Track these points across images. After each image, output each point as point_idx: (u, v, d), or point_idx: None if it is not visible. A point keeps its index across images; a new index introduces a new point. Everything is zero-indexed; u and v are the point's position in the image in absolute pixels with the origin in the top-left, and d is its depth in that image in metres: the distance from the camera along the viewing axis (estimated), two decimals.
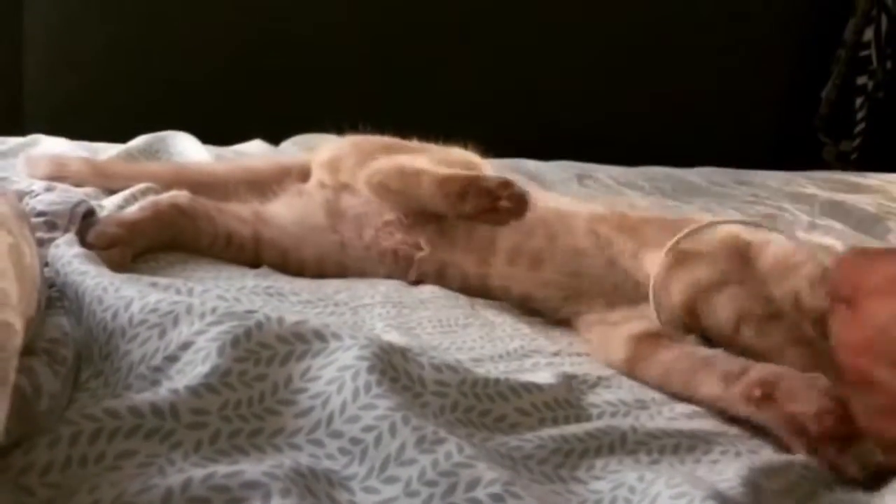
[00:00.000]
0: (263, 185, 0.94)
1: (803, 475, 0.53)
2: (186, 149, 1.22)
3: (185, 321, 0.56)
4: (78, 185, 0.93)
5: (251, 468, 0.44)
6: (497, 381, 0.59)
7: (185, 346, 0.55)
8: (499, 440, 0.54)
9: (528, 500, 0.44)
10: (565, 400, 0.60)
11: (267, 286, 0.74)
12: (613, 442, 0.55)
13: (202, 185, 0.94)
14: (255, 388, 0.53)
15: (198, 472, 0.44)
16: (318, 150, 0.97)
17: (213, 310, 0.57)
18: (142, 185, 0.93)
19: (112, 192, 0.94)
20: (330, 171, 0.92)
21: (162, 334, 0.56)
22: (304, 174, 0.96)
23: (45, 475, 0.44)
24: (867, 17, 2.39)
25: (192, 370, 0.53)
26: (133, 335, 0.56)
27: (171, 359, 0.54)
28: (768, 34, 2.40)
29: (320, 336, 0.57)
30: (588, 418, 0.59)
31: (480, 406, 0.56)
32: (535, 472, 0.52)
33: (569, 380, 0.63)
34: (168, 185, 0.92)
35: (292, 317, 0.58)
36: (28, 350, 0.52)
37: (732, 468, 0.52)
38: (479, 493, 0.45)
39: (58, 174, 0.94)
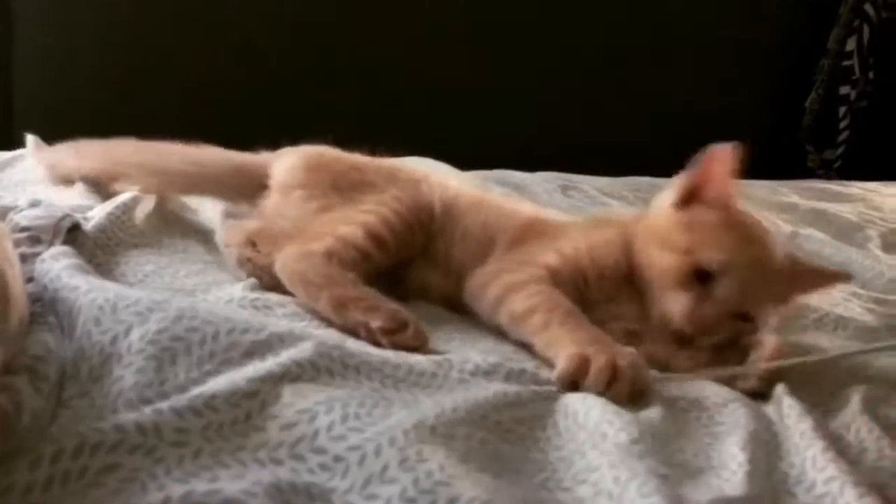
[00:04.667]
0: (216, 177, 0.96)
1: None
2: None
3: (182, 363, 0.57)
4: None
5: (229, 485, 0.45)
6: (496, 393, 0.60)
7: (180, 389, 0.55)
8: (495, 448, 0.55)
9: None
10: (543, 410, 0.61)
11: (254, 298, 0.74)
12: (595, 442, 0.56)
13: (157, 167, 0.95)
14: (242, 406, 0.53)
15: (177, 490, 0.44)
16: (277, 161, 0.95)
17: (212, 355, 0.57)
18: (129, 195, 0.93)
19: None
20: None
21: (158, 368, 0.56)
22: (260, 174, 0.94)
23: (26, 495, 0.44)
24: (849, 27, 2.42)
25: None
26: (129, 362, 0.56)
27: (163, 396, 0.54)
28: (752, 44, 2.42)
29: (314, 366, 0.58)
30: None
31: (480, 411, 0.57)
32: (524, 483, 0.53)
33: (540, 387, 0.64)
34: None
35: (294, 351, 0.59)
36: (9, 368, 0.53)
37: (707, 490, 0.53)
38: None
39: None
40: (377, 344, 0.68)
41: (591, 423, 0.58)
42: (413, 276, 0.86)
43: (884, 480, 0.58)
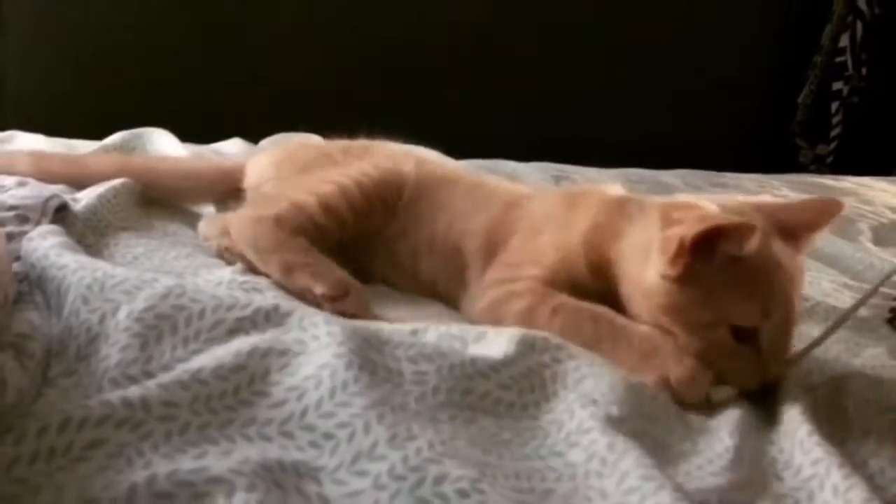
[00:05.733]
0: (204, 187, 0.98)
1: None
2: (163, 146, 1.21)
3: (167, 342, 0.57)
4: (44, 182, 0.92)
5: (216, 463, 0.44)
6: (474, 360, 0.59)
7: (166, 367, 0.55)
8: (481, 423, 0.55)
9: (491, 497, 0.45)
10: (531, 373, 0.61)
11: (243, 281, 0.73)
12: (584, 404, 0.56)
13: (144, 182, 0.94)
14: (230, 380, 0.53)
15: (163, 467, 0.44)
16: (250, 163, 0.96)
17: (197, 334, 0.57)
18: (119, 181, 0.92)
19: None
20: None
21: (144, 347, 0.56)
22: (242, 178, 0.96)
23: (10, 469, 0.44)
24: (843, 23, 2.43)
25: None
26: (115, 340, 0.56)
27: (148, 374, 0.54)
28: (746, 40, 2.42)
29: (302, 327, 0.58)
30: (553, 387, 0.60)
31: (461, 385, 0.57)
32: (515, 454, 0.53)
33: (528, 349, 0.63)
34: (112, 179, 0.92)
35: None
36: None
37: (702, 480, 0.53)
38: (447, 487, 0.45)
39: (4, 171, 0.92)
40: (321, 309, 0.68)
41: (583, 390, 0.59)
42: (381, 279, 0.85)
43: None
